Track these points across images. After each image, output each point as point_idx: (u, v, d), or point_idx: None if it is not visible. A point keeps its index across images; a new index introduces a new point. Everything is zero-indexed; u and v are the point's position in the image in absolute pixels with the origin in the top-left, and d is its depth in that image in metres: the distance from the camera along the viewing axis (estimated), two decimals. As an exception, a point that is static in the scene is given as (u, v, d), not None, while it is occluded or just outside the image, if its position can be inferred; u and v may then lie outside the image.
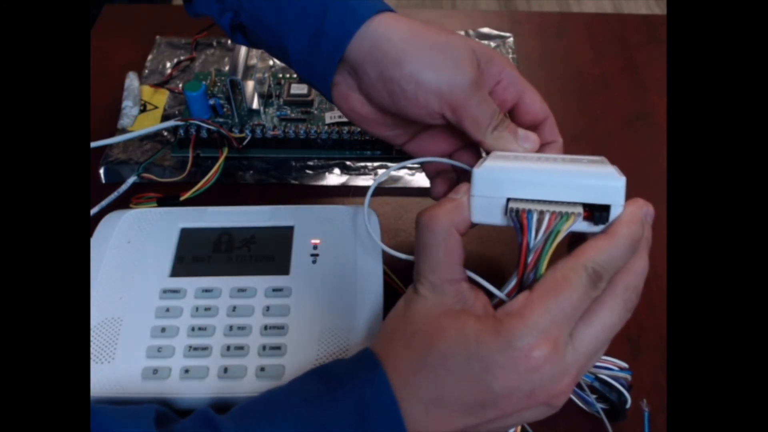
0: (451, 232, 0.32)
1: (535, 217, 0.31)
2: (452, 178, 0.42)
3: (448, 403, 0.31)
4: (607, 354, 0.36)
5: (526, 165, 0.33)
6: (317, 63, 0.39)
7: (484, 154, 0.40)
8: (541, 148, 0.39)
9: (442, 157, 0.42)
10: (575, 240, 0.33)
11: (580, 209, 0.31)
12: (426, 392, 0.31)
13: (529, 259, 0.31)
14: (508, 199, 0.32)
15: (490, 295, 0.33)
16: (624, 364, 0.39)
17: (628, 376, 0.39)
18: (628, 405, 0.38)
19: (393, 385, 0.31)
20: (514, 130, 0.38)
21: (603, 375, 0.38)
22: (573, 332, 0.31)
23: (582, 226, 0.32)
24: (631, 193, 0.32)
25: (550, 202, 0.32)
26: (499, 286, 0.33)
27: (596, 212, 0.32)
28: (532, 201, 0.32)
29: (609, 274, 0.31)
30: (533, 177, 0.32)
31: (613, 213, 0.31)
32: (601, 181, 0.31)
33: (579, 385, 0.38)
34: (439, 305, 0.32)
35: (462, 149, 0.42)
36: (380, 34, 0.37)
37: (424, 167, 0.44)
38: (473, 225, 0.33)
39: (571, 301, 0.30)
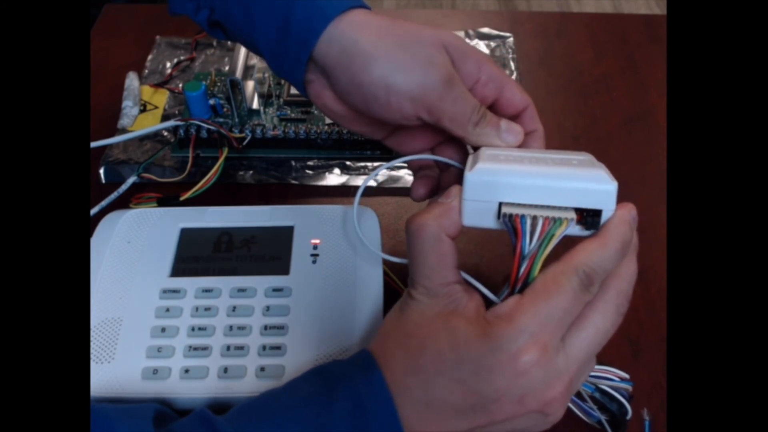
0: (441, 237, 0.32)
1: (528, 222, 0.31)
2: (434, 176, 0.41)
3: (439, 405, 0.30)
4: (607, 356, 0.36)
5: (518, 168, 0.32)
6: (287, 62, 0.38)
7: (470, 149, 0.39)
8: (523, 139, 0.38)
9: (424, 150, 0.41)
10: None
11: (572, 214, 0.31)
12: (418, 393, 0.31)
13: (524, 265, 0.31)
14: (501, 204, 0.32)
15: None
16: (625, 375, 0.39)
17: (629, 387, 0.38)
18: (629, 416, 0.38)
19: (389, 386, 0.31)
20: (496, 124, 0.37)
21: (604, 385, 0.38)
22: (565, 337, 0.30)
23: (574, 230, 0.32)
24: (631, 193, 0.32)
25: (542, 207, 0.32)
26: (496, 286, 0.33)
27: (588, 216, 0.32)
28: (525, 205, 0.32)
29: (600, 278, 0.31)
30: (526, 181, 0.32)
31: (604, 217, 0.31)
32: (593, 185, 0.31)
33: (579, 395, 0.37)
34: (433, 307, 0.32)
35: (445, 143, 0.41)
36: (348, 36, 0.36)
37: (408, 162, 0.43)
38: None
39: (561, 304, 0.30)
